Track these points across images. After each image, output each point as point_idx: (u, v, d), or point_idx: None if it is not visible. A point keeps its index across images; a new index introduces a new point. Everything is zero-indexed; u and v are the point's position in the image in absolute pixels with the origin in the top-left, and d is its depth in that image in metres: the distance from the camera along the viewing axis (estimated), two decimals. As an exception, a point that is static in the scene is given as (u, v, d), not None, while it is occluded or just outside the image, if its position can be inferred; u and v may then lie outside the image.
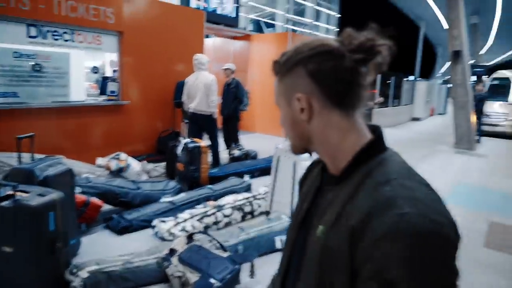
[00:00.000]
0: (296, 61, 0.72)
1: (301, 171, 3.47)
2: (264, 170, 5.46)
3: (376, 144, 0.72)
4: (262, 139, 8.85)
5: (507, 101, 11.71)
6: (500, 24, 19.28)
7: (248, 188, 4.56)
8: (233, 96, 6.31)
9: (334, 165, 0.75)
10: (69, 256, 2.63)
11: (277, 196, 3.61)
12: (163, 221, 3.47)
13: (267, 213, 3.84)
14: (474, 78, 19.78)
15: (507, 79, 12.35)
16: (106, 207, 3.77)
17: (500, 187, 5.60)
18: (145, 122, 6.05)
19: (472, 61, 19.18)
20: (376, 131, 0.74)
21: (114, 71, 5.84)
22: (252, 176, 5.42)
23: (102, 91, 6.05)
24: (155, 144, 6.18)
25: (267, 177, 4.45)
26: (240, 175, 5.21)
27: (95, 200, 3.51)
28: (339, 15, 15.57)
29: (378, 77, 12.86)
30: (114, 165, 4.65)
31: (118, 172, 4.67)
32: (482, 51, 24.33)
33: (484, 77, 17.60)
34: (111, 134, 5.56)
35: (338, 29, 15.90)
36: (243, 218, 3.88)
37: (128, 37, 5.59)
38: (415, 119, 16.12)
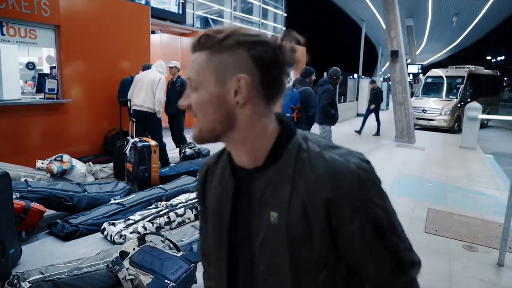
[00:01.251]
0: (238, 42, 0.67)
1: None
2: (216, 167, 5.44)
3: (288, 128, 0.75)
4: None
5: (440, 97, 12.72)
6: (432, 26, 20.87)
7: (201, 186, 4.51)
8: (178, 94, 6.18)
9: (251, 155, 0.73)
10: (8, 267, 2.43)
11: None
12: (113, 224, 3.33)
13: (221, 210, 3.84)
14: (411, 76, 21.24)
15: (440, 77, 13.40)
16: (49, 212, 3.54)
17: (435, 176, 6.09)
18: (90, 121, 5.75)
19: (408, 60, 20.59)
20: (279, 118, 0.76)
21: (52, 67, 5.46)
22: (205, 174, 5.38)
23: (39, 89, 5.64)
24: (102, 144, 5.90)
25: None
26: (192, 173, 5.14)
27: (35, 205, 3.28)
28: (285, 15, 15.88)
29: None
30: (56, 167, 4.36)
31: (61, 175, 4.40)
32: (417, 52, 26.18)
33: (420, 75, 18.96)
34: (51, 135, 5.21)
35: (285, 28, 16.23)
36: (197, 217, 3.84)
37: (66, 32, 5.26)
38: (360, 115, 16.94)
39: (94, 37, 5.68)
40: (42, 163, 4.45)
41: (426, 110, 12.27)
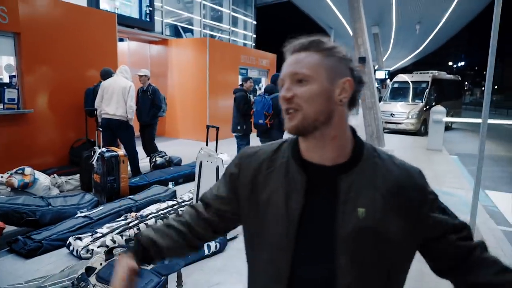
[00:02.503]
0: (344, 55, 0.82)
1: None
2: (188, 176, 5.35)
3: (358, 136, 0.87)
4: (185, 144, 8.68)
5: (407, 101, 13.17)
6: (396, 34, 21.66)
7: (173, 196, 4.41)
8: (150, 103, 6.06)
9: (335, 152, 0.82)
10: (-39, 290, 2.25)
11: (203, 201, 3.55)
12: (79, 238, 3.18)
13: (193, 219, 3.76)
14: (379, 81, 21.90)
15: (406, 82, 13.89)
16: (9, 228, 3.34)
17: (404, 178, 6.25)
18: (54, 132, 5.52)
19: (376, 66, 21.24)
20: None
21: (12, 76, 5.21)
22: (177, 183, 5.27)
23: (-2, 99, 5.36)
24: (68, 155, 5.66)
25: (192, 183, 4.36)
26: (164, 183, 5.03)
27: (-6, 222, 3.08)
28: (255, 22, 16.02)
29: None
30: (17, 181, 4.13)
31: (23, 189, 4.17)
32: (384, 58, 27.07)
33: (387, 81, 19.58)
34: (12, 147, 4.95)
35: (255, 36, 16.35)
36: (169, 227, 3.74)
37: (27, 39, 5.05)
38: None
39: (57, 44, 5.48)
40: (2, 176, 4.21)
41: (394, 114, 12.66)
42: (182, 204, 4.02)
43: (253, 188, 0.88)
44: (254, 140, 5.33)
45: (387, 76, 22.08)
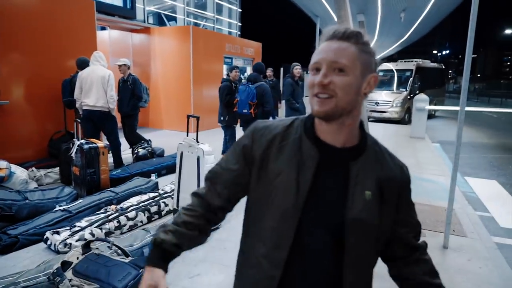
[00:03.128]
0: (373, 53, 0.88)
1: (206, 166, 3.43)
2: (171, 167, 5.29)
3: (363, 126, 0.96)
4: (169, 135, 8.58)
5: (392, 90, 13.27)
6: (382, 22, 21.69)
7: (155, 188, 4.37)
8: (131, 93, 5.92)
9: (347, 137, 0.89)
10: None
11: (183, 193, 3.52)
12: (57, 232, 3.12)
13: (174, 211, 3.73)
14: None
15: (391, 70, 13.97)
16: (-17, 224, 3.25)
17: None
18: (31, 124, 5.37)
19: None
20: None
21: (-14, 67, 5.03)
22: (159, 175, 5.22)
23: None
24: (47, 147, 5.53)
25: (174, 175, 4.32)
26: (146, 174, 4.97)
27: (-33, 217, 2.99)
28: (240, 10, 15.81)
29: (282, 71, 13.45)
30: (-8, 175, 4.02)
31: (-1, 183, 4.06)
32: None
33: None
34: (-13, 140, 4.80)
35: (240, 24, 16.17)
36: (150, 219, 3.71)
37: (1, 27, 4.86)
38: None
39: (33, 33, 5.29)
40: (-24, 171, 4.08)
41: (378, 103, 12.75)
42: (164, 195, 3.98)
43: (265, 158, 0.92)
44: (239, 131, 5.31)
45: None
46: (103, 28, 9.18)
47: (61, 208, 3.54)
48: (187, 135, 3.68)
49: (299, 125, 0.95)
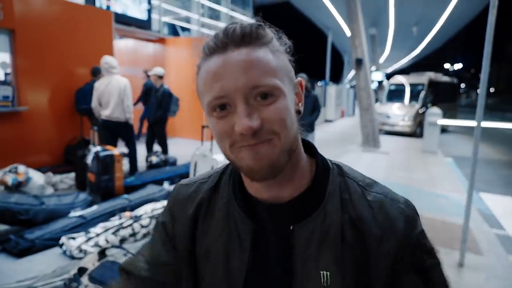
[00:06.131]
0: (282, 48, 0.59)
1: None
2: (184, 176, 5.34)
3: (322, 158, 0.64)
4: (182, 144, 8.67)
5: (403, 103, 13.22)
6: (394, 35, 21.74)
7: (167, 196, 4.40)
8: (158, 103, 6.02)
9: (294, 187, 0.60)
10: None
11: (198, 202, 3.55)
12: (73, 238, 3.16)
13: (187, 220, 3.75)
14: (376, 83, 21.99)
15: (402, 84, 13.93)
16: (1, 227, 3.32)
17: (399, 180, 6.28)
18: (49, 130, 5.49)
19: (373, 68, 21.31)
20: (304, 141, 0.65)
21: (7, 73, 5.17)
22: (172, 183, 5.25)
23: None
24: (63, 153, 5.63)
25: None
26: (159, 182, 5.01)
27: (-14, 221, 3.06)
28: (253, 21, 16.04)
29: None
30: (10, 179, 4.11)
31: (16, 187, 4.14)
32: (381, 60, 27.15)
33: (384, 82, 19.63)
34: (6, 145, 4.91)
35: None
36: (163, 227, 3.73)
37: (22, 36, 5.01)
38: (328, 121, 17.29)
39: (53, 42, 5.45)
40: (-5, 175, 4.18)
41: (390, 116, 12.70)
42: (177, 204, 4.01)
43: (192, 239, 0.67)
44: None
45: (385, 78, 22.18)
46: (121, 38, 9.39)
47: (77, 214, 3.59)
48: (202, 145, 3.72)
49: (227, 182, 0.67)
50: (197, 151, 3.60)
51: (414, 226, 0.60)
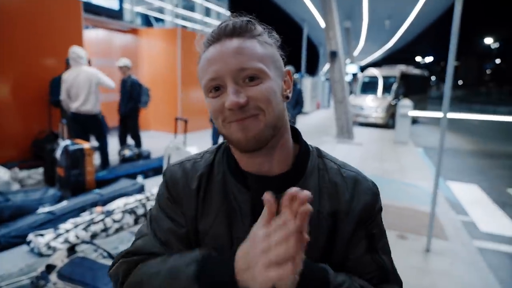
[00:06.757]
0: (271, 42, 0.70)
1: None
2: (158, 169, 5.26)
3: (302, 140, 0.76)
4: (155, 137, 8.53)
5: (376, 95, 13.50)
6: (368, 29, 22.07)
7: (141, 190, 4.33)
8: (128, 95, 5.90)
9: (281, 161, 0.70)
10: None
11: (171, 195, 3.51)
12: (41, 235, 3.06)
13: (161, 213, 3.71)
14: (350, 75, 22.31)
15: (375, 77, 14.21)
16: (-37, 226, 3.16)
17: (372, 170, 6.43)
18: (14, 123, 5.25)
19: (348, 61, 21.60)
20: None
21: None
22: (146, 177, 5.18)
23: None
24: (30, 148, 5.42)
25: (161, 177, 4.30)
26: (132, 176, 4.92)
27: None
28: (229, 13, 15.89)
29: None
30: (-27, 175, 3.92)
31: (-20, 184, 3.96)
32: (355, 53, 27.56)
33: (358, 75, 19.95)
34: (-32, 140, 4.68)
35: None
36: (136, 222, 3.67)
37: (-15, 25, 4.76)
38: (303, 113, 17.43)
39: (18, 32, 5.19)
40: (-44, 171, 3.98)
41: (363, 108, 12.95)
42: (150, 198, 3.95)
43: (195, 216, 0.73)
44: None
45: (359, 71, 22.54)
46: (90, 27, 9.07)
47: (45, 210, 3.47)
48: (175, 138, 3.68)
49: (220, 160, 0.75)
50: (170, 144, 3.55)
51: (377, 201, 0.75)
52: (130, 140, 6.24)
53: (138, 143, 6.15)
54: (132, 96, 5.90)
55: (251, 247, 0.55)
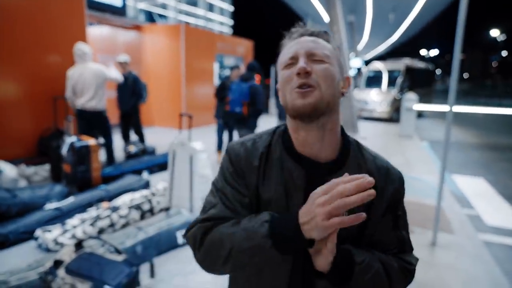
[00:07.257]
0: (340, 53, 0.88)
1: (199, 163, 3.44)
2: (163, 165, 5.29)
3: (346, 134, 0.89)
4: (160, 133, 8.55)
5: (381, 89, 13.42)
6: (372, 22, 21.89)
7: (146, 185, 4.36)
8: (131, 91, 5.92)
9: (332, 147, 0.83)
10: None
11: (176, 190, 3.53)
12: (48, 230, 3.10)
13: (167, 209, 3.74)
14: (355, 70, 22.17)
15: (379, 71, 14.12)
16: (-28, 222, 3.21)
17: (377, 164, 6.42)
18: (20, 121, 5.29)
19: (352, 55, 21.46)
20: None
21: (-26, 62, 4.94)
22: (151, 172, 5.21)
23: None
24: (36, 145, 5.46)
25: (166, 172, 4.31)
26: (137, 172, 4.96)
27: (-45, 215, 2.95)
28: (232, 9, 15.79)
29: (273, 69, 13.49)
30: (-20, 173, 3.96)
31: (-13, 181, 4.00)
32: (360, 47, 27.35)
33: (363, 69, 19.82)
34: (-25, 137, 4.72)
35: (233, 21, 16.12)
36: (142, 217, 3.70)
37: (-11, 23, 4.78)
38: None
39: (22, 29, 5.21)
40: (-36, 168, 4.02)
41: (368, 102, 12.88)
42: (156, 193, 3.97)
43: (257, 187, 0.85)
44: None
45: (363, 65, 22.37)
46: (91, 24, 9.09)
47: (52, 206, 3.51)
48: (180, 133, 3.69)
49: (277, 141, 0.87)
50: (175, 140, 3.56)
51: (403, 188, 0.90)
52: (133, 136, 6.27)
53: (141, 139, 6.18)
54: (135, 91, 5.91)
55: (311, 204, 0.69)
